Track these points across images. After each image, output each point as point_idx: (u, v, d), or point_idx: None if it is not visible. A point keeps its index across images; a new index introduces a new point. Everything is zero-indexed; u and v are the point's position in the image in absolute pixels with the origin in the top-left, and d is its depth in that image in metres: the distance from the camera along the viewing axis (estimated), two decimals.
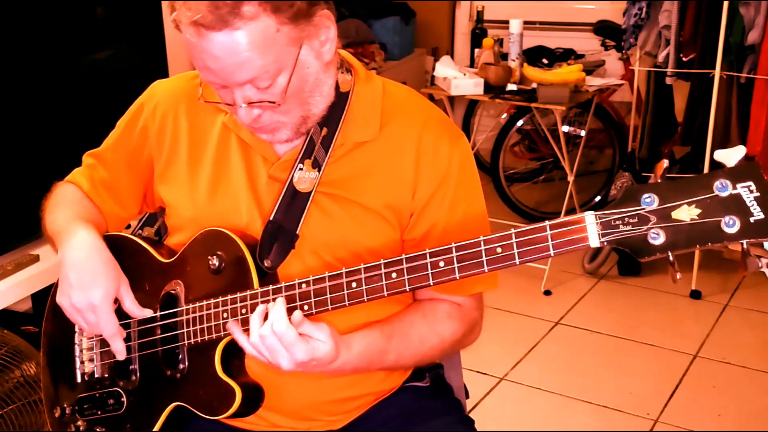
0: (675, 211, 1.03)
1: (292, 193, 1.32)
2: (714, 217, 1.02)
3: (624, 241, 1.06)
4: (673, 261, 1.05)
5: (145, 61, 2.91)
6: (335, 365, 1.24)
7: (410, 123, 1.36)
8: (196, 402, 1.34)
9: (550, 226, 1.10)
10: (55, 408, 1.50)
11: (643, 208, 1.05)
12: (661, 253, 1.05)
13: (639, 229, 1.05)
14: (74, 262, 1.35)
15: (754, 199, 1.00)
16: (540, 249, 1.10)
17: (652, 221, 1.04)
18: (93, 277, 1.34)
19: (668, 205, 1.03)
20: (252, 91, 1.22)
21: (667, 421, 2.71)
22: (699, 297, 3.51)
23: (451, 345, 1.39)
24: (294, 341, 1.18)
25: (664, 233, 1.04)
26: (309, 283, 1.23)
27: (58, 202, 1.49)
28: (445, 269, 1.16)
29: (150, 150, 1.45)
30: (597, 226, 1.07)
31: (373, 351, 1.29)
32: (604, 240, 1.07)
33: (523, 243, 1.11)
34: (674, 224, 1.03)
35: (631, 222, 1.05)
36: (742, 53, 3.32)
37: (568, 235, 1.09)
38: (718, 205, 1.01)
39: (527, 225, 1.12)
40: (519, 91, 3.50)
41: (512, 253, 1.12)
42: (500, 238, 1.12)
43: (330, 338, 1.20)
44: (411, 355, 1.34)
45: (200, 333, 1.32)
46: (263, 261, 1.30)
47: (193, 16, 1.15)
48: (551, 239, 1.09)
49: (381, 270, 1.19)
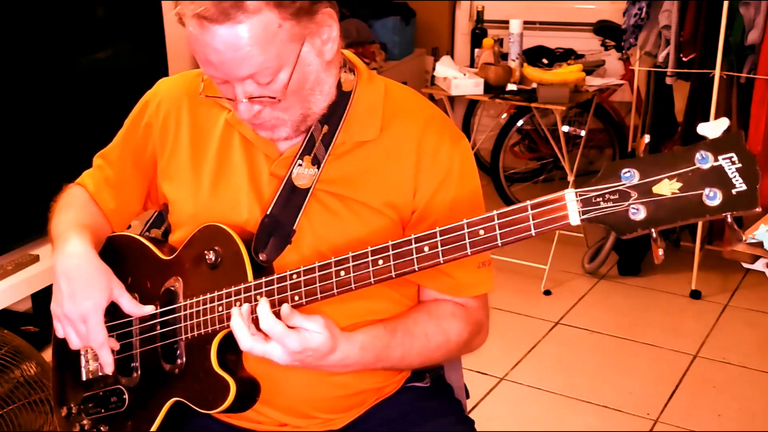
0: (656, 186, 1.00)
1: (290, 189, 1.33)
2: (695, 191, 0.98)
3: (605, 218, 1.03)
4: (656, 237, 1.02)
5: (145, 60, 2.91)
6: (336, 358, 1.24)
7: (412, 123, 1.36)
8: (192, 396, 1.34)
9: (531, 206, 1.08)
10: (62, 408, 1.51)
11: (623, 183, 1.01)
12: (642, 229, 1.01)
13: (619, 205, 1.01)
14: (65, 271, 1.36)
15: (737, 170, 0.96)
16: (521, 229, 1.08)
17: (632, 197, 1.01)
18: (83, 288, 1.35)
19: (649, 179, 1.00)
20: (252, 87, 1.23)
21: (667, 421, 2.71)
22: (699, 297, 3.51)
23: (458, 345, 1.38)
24: (283, 334, 1.18)
25: (645, 208, 1.01)
26: (300, 273, 1.23)
27: (62, 206, 1.50)
28: (429, 253, 1.15)
29: (153, 146, 1.46)
30: (577, 204, 1.04)
31: (377, 345, 1.29)
32: (585, 217, 1.04)
33: (505, 224, 1.09)
34: (655, 199, 1.00)
35: (611, 198, 1.02)
36: (742, 53, 3.32)
37: (549, 214, 1.06)
38: (700, 177, 0.98)
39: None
40: (519, 91, 3.50)
41: (494, 235, 1.10)
42: (482, 220, 1.11)
43: (324, 329, 1.20)
44: (418, 352, 1.34)
45: (197, 327, 1.33)
46: (258, 255, 1.30)
47: (197, 8, 1.16)
48: (532, 219, 1.07)
49: (368, 257, 1.19)
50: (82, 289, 1.35)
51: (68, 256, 1.37)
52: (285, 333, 1.18)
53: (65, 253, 1.38)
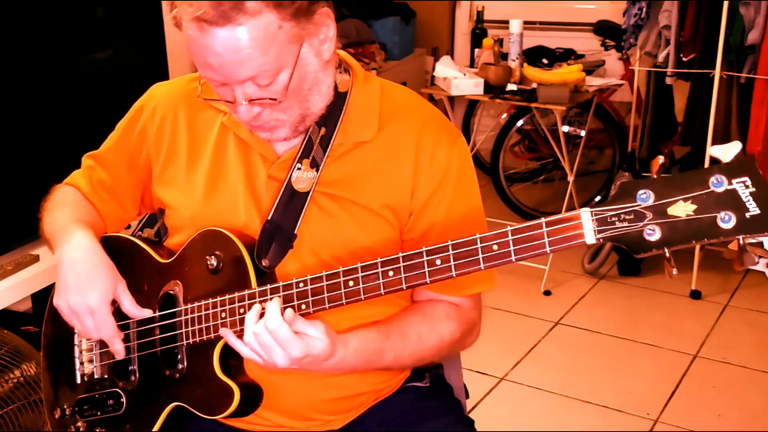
0: (671, 207, 1.02)
1: (290, 193, 1.33)
2: (710, 213, 1.01)
3: (620, 238, 1.05)
4: (670, 257, 1.04)
5: (145, 61, 2.91)
6: (331, 362, 1.24)
7: (409, 124, 1.36)
8: (195, 402, 1.34)
9: (546, 224, 1.09)
10: (55, 409, 1.50)
11: (639, 204, 1.04)
12: (657, 249, 1.04)
13: (635, 225, 1.04)
14: (70, 264, 1.35)
15: (750, 194, 0.99)
16: (536, 246, 1.10)
17: (647, 217, 1.03)
18: (90, 279, 1.34)
19: (664, 201, 1.02)
20: (252, 89, 1.23)
21: (667, 421, 2.71)
22: (699, 297, 3.51)
23: (450, 345, 1.38)
24: (288, 337, 1.18)
25: (659, 229, 1.03)
26: (306, 282, 1.23)
27: (56, 204, 1.49)
28: (442, 267, 1.15)
29: (148, 152, 1.46)
30: (593, 223, 1.06)
31: (370, 349, 1.29)
32: (600, 236, 1.06)
33: (520, 240, 1.10)
34: (670, 220, 1.02)
35: (626, 218, 1.04)
36: (742, 53, 3.32)
37: (564, 232, 1.08)
38: (714, 200, 1.00)
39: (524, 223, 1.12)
40: (519, 91, 3.50)
41: (509, 251, 1.11)
42: (496, 236, 1.12)
43: (325, 335, 1.20)
44: (410, 354, 1.34)
45: (198, 333, 1.32)
46: (261, 260, 1.30)
47: (195, 11, 1.15)
48: (547, 236, 1.09)
49: (378, 269, 1.19)
50: (88, 281, 1.34)
51: (73, 248, 1.36)
52: (290, 337, 1.18)
53: (70, 245, 1.37)
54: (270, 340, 1.19)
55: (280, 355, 1.19)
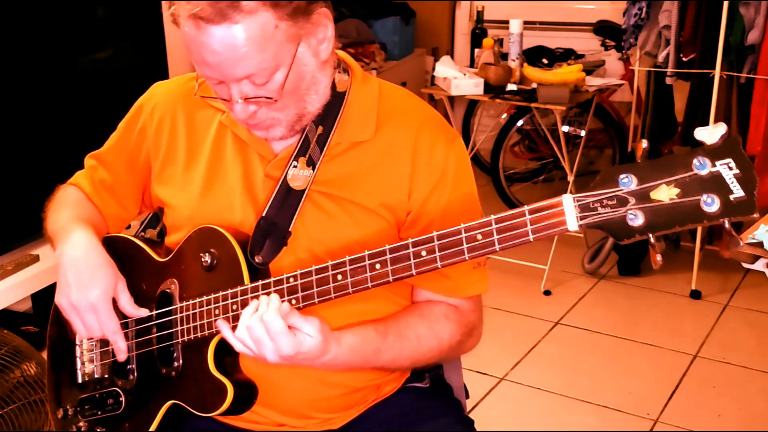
0: (653, 191, 1.00)
1: (285, 191, 1.33)
2: (693, 196, 0.98)
3: (603, 224, 1.03)
4: (654, 243, 1.02)
5: (145, 61, 2.91)
6: (325, 359, 1.24)
7: (406, 124, 1.36)
8: (190, 400, 1.34)
9: (529, 211, 1.08)
10: (58, 409, 1.51)
11: (621, 189, 1.01)
12: (640, 235, 1.01)
13: (617, 210, 1.02)
14: (71, 261, 1.36)
15: (734, 176, 0.96)
16: (519, 234, 1.09)
17: (630, 202, 1.01)
18: (91, 276, 1.35)
19: (647, 185, 1.00)
20: (248, 87, 1.23)
21: (667, 421, 2.71)
22: (699, 297, 3.51)
23: (450, 347, 1.38)
24: (280, 331, 1.17)
25: (642, 214, 1.01)
26: (296, 277, 1.23)
27: (59, 204, 1.50)
28: (427, 258, 1.15)
29: (148, 151, 1.46)
30: (575, 209, 1.04)
31: (366, 347, 1.29)
32: (583, 223, 1.04)
33: (503, 229, 1.10)
34: (653, 205, 1.00)
35: (609, 204, 1.02)
36: (742, 53, 3.32)
37: (547, 219, 1.07)
38: (698, 183, 0.97)
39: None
40: (519, 91, 3.50)
41: (492, 240, 1.10)
42: (480, 225, 1.11)
43: (319, 333, 1.20)
44: (408, 354, 1.34)
45: (193, 330, 1.33)
46: (254, 257, 1.30)
47: (193, 9, 1.16)
48: (530, 224, 1.08)
49: (365, 261, 1.19)
50: (89, 278, 1.35)
51: (75, 246, 1.37)
52: (282, 331, 1.18)
53: (71, 243, 1.38)
54: (263, 333, 1.18)
55: (270, 349, 1.19)
